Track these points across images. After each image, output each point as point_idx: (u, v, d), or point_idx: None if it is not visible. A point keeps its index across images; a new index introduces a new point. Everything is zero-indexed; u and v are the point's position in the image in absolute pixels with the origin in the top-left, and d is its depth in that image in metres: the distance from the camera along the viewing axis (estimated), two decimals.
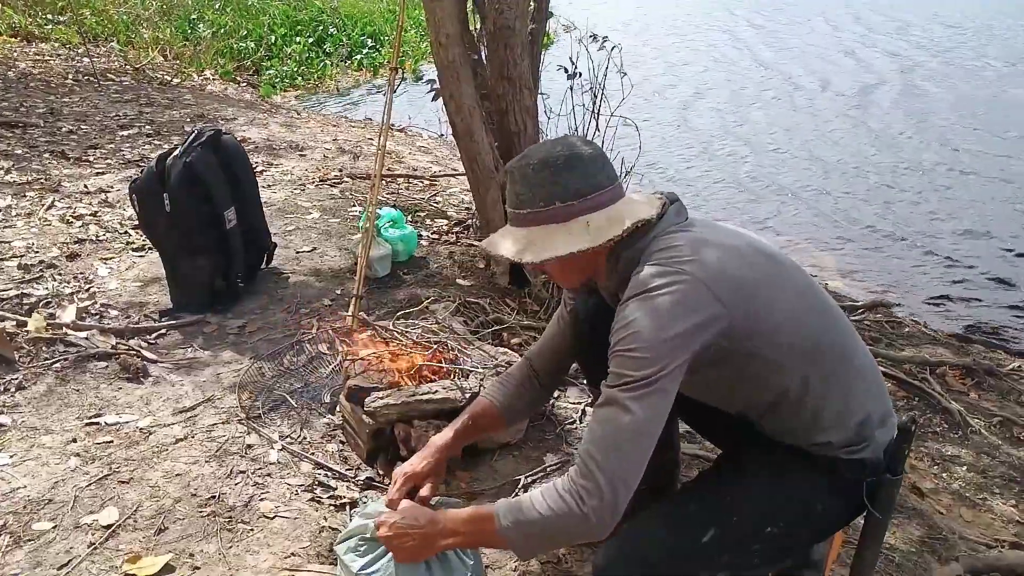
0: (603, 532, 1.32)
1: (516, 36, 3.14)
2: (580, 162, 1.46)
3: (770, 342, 1.42)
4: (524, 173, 1.49)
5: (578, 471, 1.32)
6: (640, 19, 14.46)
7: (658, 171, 6.66)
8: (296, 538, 2.03)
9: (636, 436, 1.32)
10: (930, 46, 12.01)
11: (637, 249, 1.46)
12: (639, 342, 1.32)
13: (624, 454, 1.31)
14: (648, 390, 1.31)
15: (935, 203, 6.10)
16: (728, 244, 1.46)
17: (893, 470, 1.49)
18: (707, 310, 1.35)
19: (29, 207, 4.13)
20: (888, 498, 1.51)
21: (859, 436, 1.48)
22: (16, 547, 1.94)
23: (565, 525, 1.33)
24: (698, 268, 1.37)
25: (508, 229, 1.56)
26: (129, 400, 2.59)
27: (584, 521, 1.30)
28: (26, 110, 6.06)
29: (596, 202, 1.46)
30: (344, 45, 10.53)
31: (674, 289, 1.34)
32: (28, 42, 8.72)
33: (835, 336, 1.51)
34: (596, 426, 1.35)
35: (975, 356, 3.54)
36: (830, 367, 1.47)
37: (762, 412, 1.51)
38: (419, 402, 2.27)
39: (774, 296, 1.44)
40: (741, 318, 1.37)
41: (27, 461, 2.25)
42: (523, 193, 1.50)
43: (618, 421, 1.31)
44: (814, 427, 1.47)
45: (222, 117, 6.62)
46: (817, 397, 1.46)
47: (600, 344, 1.75)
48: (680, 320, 1.33)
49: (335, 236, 4.07)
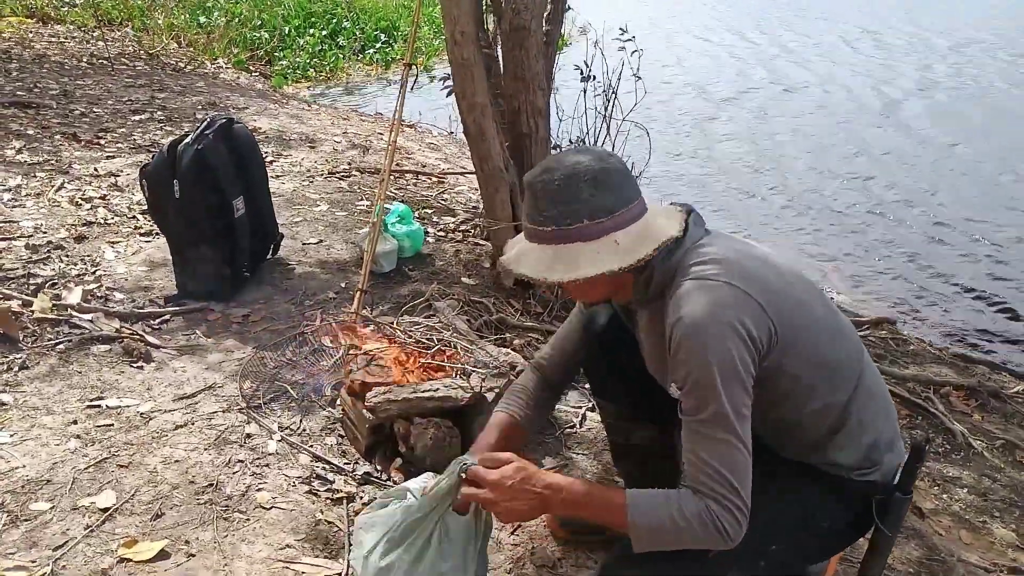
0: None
1: (531, 37, 3.13)
2: (608, 176, 1.41)
3: (797, 360, 1.42)
4: (548, 188, 1.42)
5: (721, 494, 1.33)
6: (660, 23, 14.45)
7: (667, 177, 6.66)
8: (292, 530, 2.03)
9: (747, 459, 1.35)
10: (947, 61, 11.98)
11: (670, 265, 1.44)
12: (710, 373, 1.33)
13: (747, 477, 1.35)
14: (741, 416, 1.35)
15: (945, 222, 6.08)
16: (759, 257, 1.46)
17: (903, 488, 1.49)
18: (762, 327, 1.36)
19: (39, 188, 4.13)
20: (897, 516, 1.52)
21: (869, 459, 1.48)
22: (13, 526, 1.93)
23: (702, 541, 1.34)
24: (744, 283, 1.37)
25: (530, 246, 1.48)
26: (131, 384, 2.59)
27: (723, 543, 1.33)
28: (40, 91, 6.07)
29: (624, 218, 1.42)
30: (357, 39, 10.54)
31: (728, 304, 1.35)
32: (44, 23, 8.75)
33: (850, 356, 1.51)
34: (720, 449, 1.34)
35: (980, 377, 3.52)
36: (845, 387, 1.47)
37: (776, 430, 1.50)
38: (420, 399, 2.26)
39: (802, 313, 1.44)
40: (781, 334, 1.38)
41: (27, 441, 2.25)
42: (547, 209, 1.42)
43: (734, 450, 1.34)
44: (826, 447, 1.48)
45: (234, 106, 6.62)
46: (832, 417, 1.46)
47: (610, 357, 1.75)
48: (742, 339, 1.34)
49: (342, 229, 4.07)
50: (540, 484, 1.45)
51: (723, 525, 1.31)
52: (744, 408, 1.34)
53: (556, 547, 2.06)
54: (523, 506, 1.46)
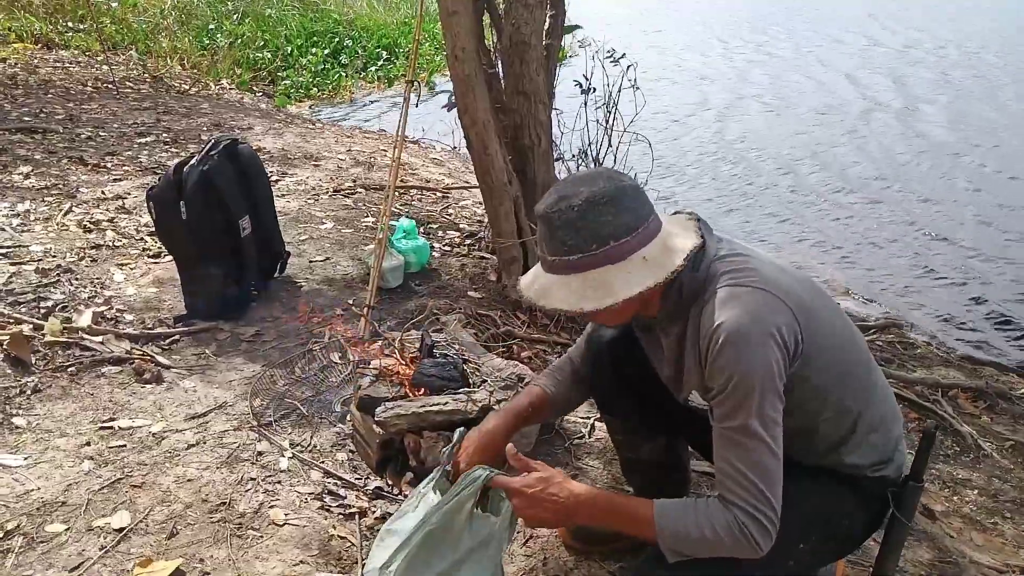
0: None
1: (532, 51, 3.17)
2: (625, 195, 1.40)
3: (817, 366, 1.43)
4: (567, 217, 1.39)
5: (752, 504, 1.33)
6: (660, 36, 14.50)
7: (669, 187, 6.68)
8: (305, 546, 2.04)
9: (779, 468, 1.36)
10: (956, 65, 11.98)
11: (700, 274, 1.45)
12: (751, 379, 1.34)
13: (778, 486, 1.35)
14: (775, 423, 1.36)
15: (954, 224, 6.07)
16: (776, 265, 1.49)
17: (916, 477, 1.54)
18: (792, 333, 1.37)
19: (47, 212, 4.17)
20: (911, 504, 1.57)
21: (883, 456, 1.52)
22: (29, 548, 1.95)
23: (732, 551, 1.35)
24: (776, 289, 1.39)
25: (553, 279, 1.45)
26: (142, 405, 2.61)
27: (753, 552, 1.34)
28: (46, 116, 6.12)
29: (645, 235, 1.41)
30: (359, 57, 10.61)
31: (767, 309, 1.37)
32: (49, 49, 8.83)
33: (862, 361, 1.55)
34: (753, 457, 1.35)
35: (988, 379, 3.52)
36: (861, 392, 1.50)
37: (793, 436, 1.51)
38: (429, 413, 2.28)
39: (821, 322, 1.46)
40: (806, 342, 1.40)
41: (41, 463, 2.27)
42: (569, 239, 1.40)
43: (767, 458, 1.34)
44: (841, 449, 1.51)
45: (238, 126, 6.67)
46: (847, 422, 1.49)
47: (617, 371, 1.76)
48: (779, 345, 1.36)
49: (348, 246, 4.10)
50: (564, 494, 1.45)
51: (752, 535, 1.32)
52: (777, 415, 1.36)
53: (568, 557, 2.07)
54: (546, 514, 1.48)
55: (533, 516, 1.49)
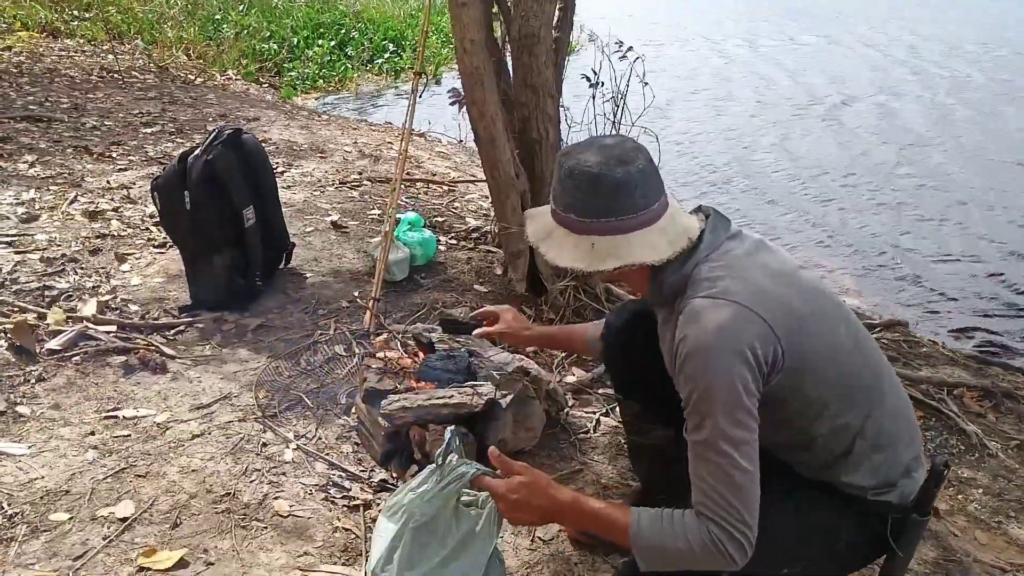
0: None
1: (541, 44, 3.14)
2: (652, 163, 1.45)
3: (808, 382, 1.41)
4: (611, 179, 1.40)
5: (723, 517, 1.32)
6: (667, 31, 14.46)
7: (677, 182, 6.66)
8: (309, 538, 2.04)
9: (751, 482, 1.34)
10: (959, 65, 11.94)
11: (683, 274, 1.45)
12: (712, 395, 1.33)
13: (751, 500, 1.33)
14: (744, 440, 1.33)
15: (959, 222, 6.05)
16: (782, 273, 1.46)
17: (921, 510, 1.48)
18: (769, 348, 1.35)
19: (52, 201, 4.17)
20: (912, 537, 1.49)
21: (887, 479, 1.47)
22: (33, 537, 1.95)
23: (708, 563, 1.34)
24: (755, 302, 1.37)
25: (566, 233, 1.47)
26: (147, 395, 2.61)
27: (728, 565, 1.33)
28: (51, 105, 6.12)
29: (664, 204, 1.46)
30: (366, 49, 10.58)
31: (735, 326, 1.35)
32: (54, 38, 8.82)
33: (870, 376, 1.50)
34: (721, 472, 1.33)
35: (994, 378, 3.50)
36: (860, 410, 1.46)
37: (788, 449, 1.50)
38: (435, 406, 2.27)
39: (819, 335, 1.43)
40: (789, 356, 1.37)
41: (45, 452, 2.27)
42: (622, 199, 1.41)
43: (736, 473, 1.32)
44: (840, 467, 1.47)
45: (244, 117, 6.66)
46: (846, 438, 1.45)
47: (629, 356, 1.76)
48: (747, 361, 1.34)
49: (354, 238, 4.09)
50: (546, 502, 1.46)
51: (725, 548, 1.31)
52: (745, 431, 1.33)
53: (573, 551, 2.07)
54: (531, 519, 1.50)
55: (516, 520, 1.51)
